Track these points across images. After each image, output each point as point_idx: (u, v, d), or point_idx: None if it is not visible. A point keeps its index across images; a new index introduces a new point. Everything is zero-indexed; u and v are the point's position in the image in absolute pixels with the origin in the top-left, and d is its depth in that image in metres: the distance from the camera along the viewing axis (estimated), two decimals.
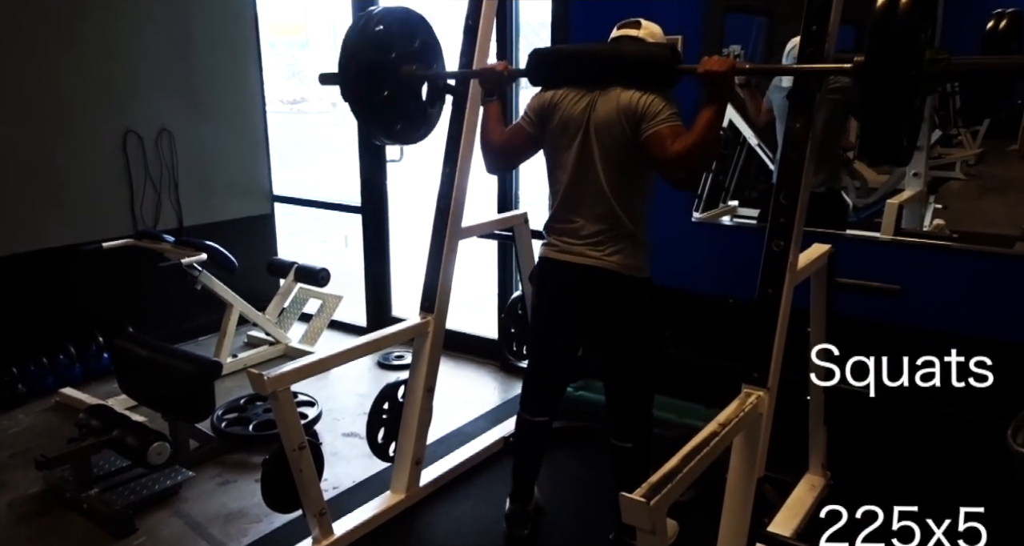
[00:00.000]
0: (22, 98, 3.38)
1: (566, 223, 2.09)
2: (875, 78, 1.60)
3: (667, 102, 1.93)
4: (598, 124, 1.98)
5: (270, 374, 2.02)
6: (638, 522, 1.44)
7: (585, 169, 2.03)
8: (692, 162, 1.87)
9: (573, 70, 2.08)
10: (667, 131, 1.89)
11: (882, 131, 1.65)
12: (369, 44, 2.28)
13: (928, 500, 2.49)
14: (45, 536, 2.42)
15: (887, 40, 1.57)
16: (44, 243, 3.51)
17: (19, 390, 3.36)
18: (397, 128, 2.44)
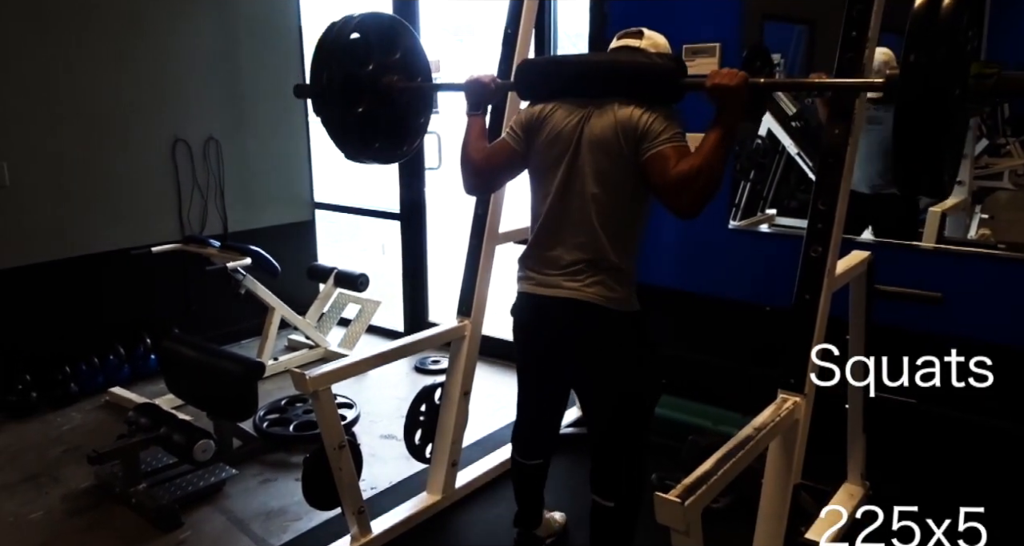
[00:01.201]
0: (81, 109, 3.53)
1: (544, 251, 1.88)
2: (911, 96, 1.38)
3: (671, 120, 1.73)
4: (592, 142, 1.78)
5: (312, 374, 2.08)
6: (672, 523, 1.45)
7: (571, 191, 1.82)
8: (697, 187, 1.65)
9: (566, 82, 1.86)
10: (671, 151, 1.69)
11: (919, 160, 1.44)
12: (343, 54, 2.10)
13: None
14: (96, 529, 2.51)
15: (926, 50, 1.35)
16: (97, 247, 3.65)
17: (71, 389, 3.49)
18: (375, 146, 2.28)
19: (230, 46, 4.04)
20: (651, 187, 1.75)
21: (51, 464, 2.93)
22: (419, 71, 2.31)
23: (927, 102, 1.36)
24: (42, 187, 3.44)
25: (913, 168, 1.44)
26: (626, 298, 1.85)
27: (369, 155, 2.30)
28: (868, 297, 2.33)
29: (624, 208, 1.81)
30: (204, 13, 3.91)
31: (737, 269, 3.00)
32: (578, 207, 1.81)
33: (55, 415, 3.37)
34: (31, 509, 2.62)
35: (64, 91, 3.46)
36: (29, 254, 3.43)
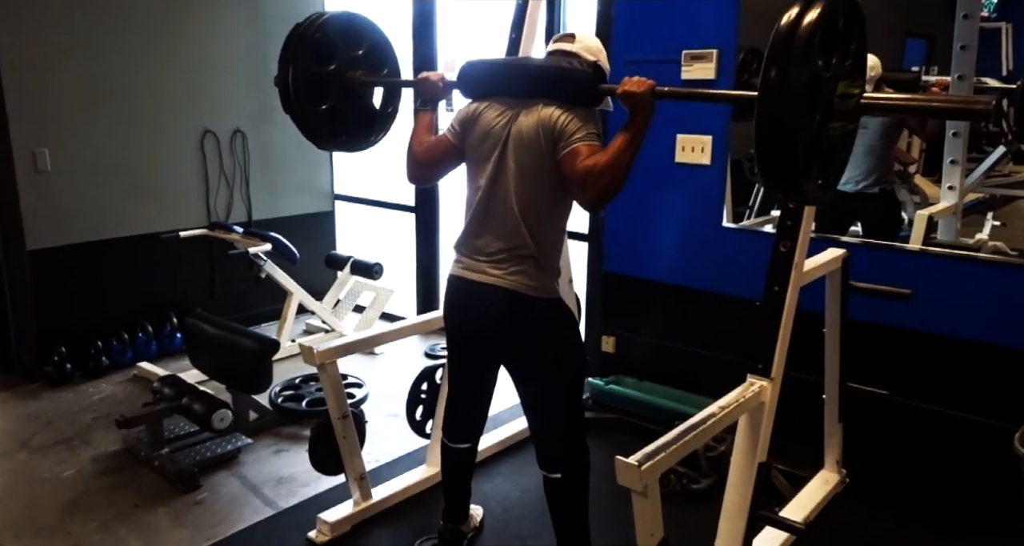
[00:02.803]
0: (118, 101, 3.77)
1: (473, 239, 2.00)
2: (765, 111, 1.41)
3: (587, 121, 1.84)
4: (517, 139, 1.90)
5: (319, 347, 2.27)
6: (631, 484, 1.61)
7: (498, 184, 1.94)
8: (602, 183, 1.75)
9: (500, 83, 1.99)
10: (583, 148, 1.80)
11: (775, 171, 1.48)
12: (307, 54, 2.21)
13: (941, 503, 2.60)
14: (122, 488, 2.73)
15: (781, 67, 1.38)
16: (129, 231, 3.89)
17: (103, 362, 3.73)
18: (343, 139, 2.40)
19: (257, 42, 4.25)
20: (564, 179, 1.86)
21: (83, 429, 3.17)
22: (384, 63, 2.40)
23: (780, 116, 1.41)
24: (80, 173, 3.68)
25: (771, 178, 1.50)
26: (545, 287, 1.96)
27: (337, 145, 2.45)
28: (843, 292, 2.47)
29: (544, 202, 1.92)
30: (235, 12, 4.14)
31: (730, 266, 3.13)
32: (503, 200, 1.94)
33: (87, 385, 3.62)
34: (64, 468, 2.85)
35: (103, 83, 3.70)
36: (68, 235, 3.67)
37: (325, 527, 2.42)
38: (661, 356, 3.41)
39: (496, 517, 2.55)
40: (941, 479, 2.74)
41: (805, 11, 1.39)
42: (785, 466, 2.71)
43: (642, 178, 3.32)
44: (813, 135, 1.46)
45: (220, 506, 2.62)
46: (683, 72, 3.05)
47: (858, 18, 1.53)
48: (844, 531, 2.51)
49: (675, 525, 1.82)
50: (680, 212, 3.25)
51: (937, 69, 2.89)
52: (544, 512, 2.55)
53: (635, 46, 3.21)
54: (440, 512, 2.39)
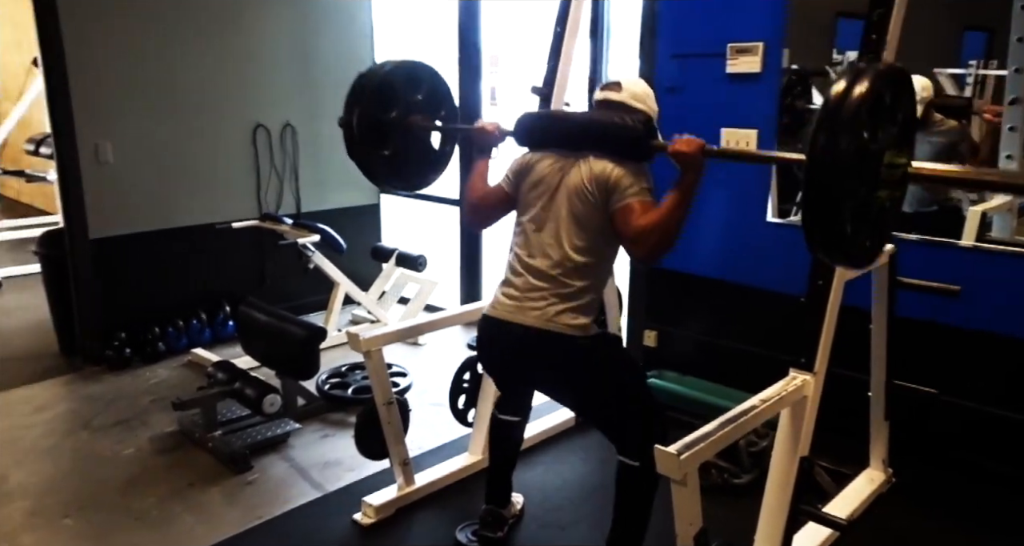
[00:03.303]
0: (177, 97, 3.90)
1: (515, 277, 2.04)
2: (813, 177, 1.44)
3: (639, 175, 1.93)
4: (569, 187, 1.98)
5: (365, 334, 2.33)
6: (670, 473, 1.64)
7: (546, 228, 2.01)
8: (653, 240, 1.84)
9: (553, 135, 2.08)
10: (636, 205, 1.88)
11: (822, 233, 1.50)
12: (370, 102, 2.32)
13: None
14: (178, 467, 2.84)
15: (830, 136, 1.41)
16: (186, 221, 4.03)
17: (159, 348, 3.88)
18: (402, 182, 2.55)
19: (308, 39, 4.35)
20: (618, 236, 1.95)
21: (141, 410, 3.31)
22: (442, 105, 2.53)
23: (827, 186, 1.43)
24: (141, 165, 3.82)
25: (816, 239, 1.53)
26: (584, 326, 1.99)
27: (397, 187, 2.62)
28: (890, 288, 2.43)
29: (591, 247, 1.98)
30: (287, 11, 4.23)
31: (774, 261, 3.11)
32: (551, 243, 2.00)
33: (145, 369, 3.77)
34: (124, 447, 2.99)
35: (162, 79, 3.83)
36: (128, 224, 3.83)
37: (370, 510, 2.49)
38: (703, 351, 3.40)
39: (536, 505, 2.59)
40: (990, 479, 2.68)
41: (854, 84, 1.41)
42: (829, 463, 2.69)
43: None
44: (860, 203, 1.47)
45: (269, 487, 2.71)
46: (728, 65, 3.03)
47: (906, 88, 1.53)
48: (889, 530, 2.48)
49: (715, 518, 1.83)
50: (724, 207, 3.23)
51: (996, 63, 2.81)
52: (584, 502, 2.61)
53: (680, 40, 3.20)
54: (480, 499, 2.44)
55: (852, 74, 1.42)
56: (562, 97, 2.70)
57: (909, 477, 2.72)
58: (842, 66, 3.11)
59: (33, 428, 3.13)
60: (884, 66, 1.47)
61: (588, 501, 2.62)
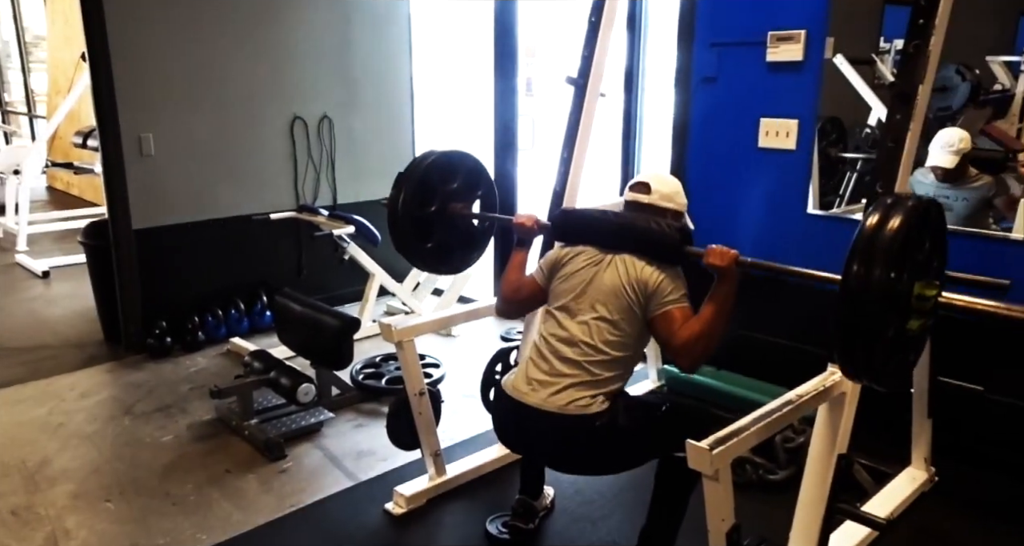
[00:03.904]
0: (216, 89, 3.96)
1: (542, 361, 2.04)
2: (846, 304, 1.49)
3: (676, 280, 1.98)
4: (606, 284, 2.01)
5: (398, 325, 2.34)
6: (702, 468, 1.61)
7: (576, 318, 2.03)
8: (699, 351, 1.88)
9: (591, 234, 2.13)
10: (677, 313, 1.93)
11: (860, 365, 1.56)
12: (411, 201, 2.44)
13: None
14: (215, 453, 2.90)
15: (864, 265, 1.46)
16: (224, 212, 4.09)
17: (199, 337, 3.95)
18: (447, 268, 2.70)
19: (345, 32, 4.38)
20: (657, 340, 2.00)
21: (180, 398, 3.38)
22: (479, 184, 2.62)
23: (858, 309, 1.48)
24: (182, 157, 3.89)
25: (849, 367, 1.58)
26: (601, 402, 1.98)
27: (445, 271, 2.79)
28: None
29: (623, 343, 2.00)
30: (324, 4, 4.26)
31: (814, 253, 3.04)
32: (581, 333, 2.01)
33: (185, 358, 3.84)
34: (163, 433, 3.05)
35: (202, 72, 3.89)
36: (170, 215, 3.90)
37: (401, 500, 2.50)
38: (740, 345, 3.34)
39: (568, 498, 2.58)
40: None
41: (886, 220, 1.46)
42: (869, 461, 2.62)
43: (724, 164, 3.26)
44: (892, 334, 1.51)
45: (303, 475, 2.75)
46: (769, 54, 2.96)
47: (935, 215, 1.58)
48: (929, 531, 2.41)
49: (749, 514, 1.80)
50: (763, 198, 3.17)
51: None
52: (615, 496, 2.59)
53: (719, 28, 3.13)
54: (511, 492, 2.44)
55: (884, 209, 1.49)
56: (598, 88, 2.68)
57: (952, 476, 2.64)
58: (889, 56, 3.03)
59: (77, 414, 3.22)
60: (914, 201, 1.52)
61: (620, 496, 2.60)
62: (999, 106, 2.82)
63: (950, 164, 2.73)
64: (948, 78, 2.85)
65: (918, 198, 1.57)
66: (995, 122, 2.87)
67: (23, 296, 4.96)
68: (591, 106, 2.65)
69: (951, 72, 2.84)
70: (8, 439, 3.00)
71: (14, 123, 9.63)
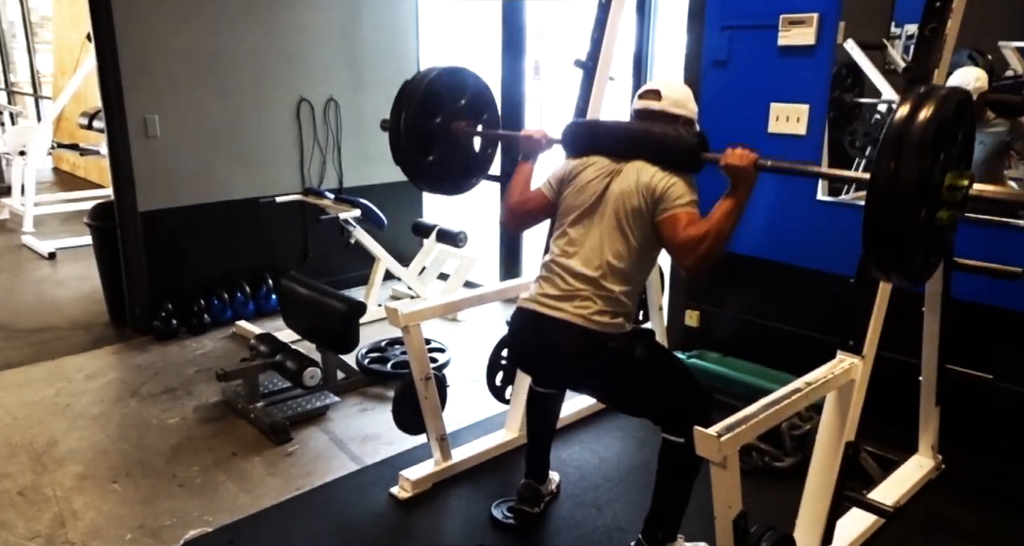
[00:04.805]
0: (222, 71, 3.93)
1: (555, 277, 2.04)
2: (875, 199, 1.48)
3: (688, 187, 1.93)
4: (616, 194, 1.98)
5: (404, 310, 2.33)
6: (709, 455, 1.60)
7: (588, 230, 2.02)
8: (703, 250, 1.83)
9: (602, 143, 2.09)
10: (683, 216, 1.89)
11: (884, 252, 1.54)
12: (415, 109, 2.36)
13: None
14: (221, 436, 2.91)
15: (893, 158, 1.43)
16: (230, 195, 4.08)
17: (205, 320, 3.96)
18: (446, 186, 2.60)
19: (352, 14, 4.33)
20: (662, 243, 1.96)
21: (187, 380, 3.39)
22: (485, 109, 2.54)
23: (889, 207, 1.46)
24: (187, 139, 3.88)
25: (878, 263, 1.56)
26: (618, 324, 1.99)
27: (441, 191, 2.66)
28: (946, 270, 2.33)
29: (633, 254, 1.98)
30: None
31: (823, 240, 3.01)
32: (592, 245, 2.00)
33: (191, 340, 3.85)
34: (170, 415, 3.06)
35: (208, 54, 3.86)
36: (174, 198, 3.89)
37: (407, 484, 2.51)
38: (747, 332, 3.33)
39: (572, 484, 2.58)
40: None
41: (918, 109, 1.43)
42: (876, 449, 2.62)
43: None
44: (921, 223, 1.49)
45: (309, 458, 2.75)
46: (780, 38, 2.92)
47: (967, 108, 1.53)
48: (936, 518, 2.41)
49: (756, 501, 1.80)
50: (772, 184, 3.13)
51: None
52: (621, 481, 2.59)
53: (730, 11, 3.08)
54: (516, 477, 2.44)
55: (917, 98, 1.45)
56: (607, 71, 2.65)
57: (959, 465, 2.63)
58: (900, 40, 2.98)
59: (84, 395, 3.24)
60: (947, 90, 1.48)
61: (625, 481, 2.60)
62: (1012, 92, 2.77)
63: None
64: (960, 64, 2.81)
65: (951, 87, 1.52)
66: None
67: (30, 277, 4.97)
68: (600, 90, 2.62)
69: (963, 57, 2.80)
70: (16, 420, 3.02)
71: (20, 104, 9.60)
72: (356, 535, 2.33)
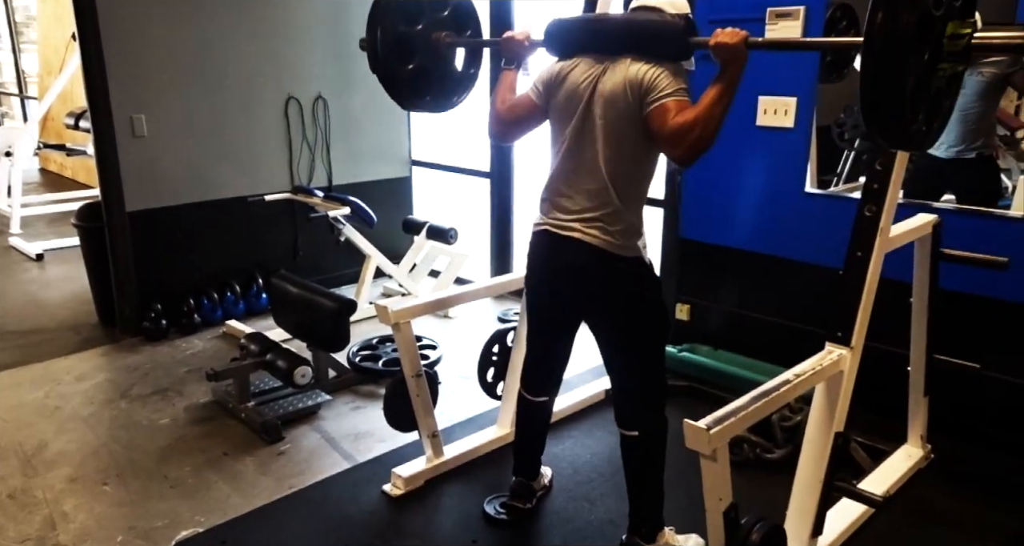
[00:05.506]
0: (209, 69, 3.91)
1: (558, 197, 1.99)
2: (871, 55, 1.37)
3: (676, 76, 1.82)
4: (603, 95, 1.88)
5: (394, 307, 2.33)
6: (699, 448, 1.60)
7: (583, 142, 1.93)
8: (693, 137, 1.74)
9: (586, 40, 1.97)
10: (672, 105, 1.78)
11: (884, 113, 1.43)
12: (395, 14, 2.25)
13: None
14: (212, 436, 2.89)
15: (890, 8, 1.33)
16: (218, 194, 4.06)
17: (195, 320, 3.94)
18: (427, 99, 2.46)
19: (338, 11, 4.31)
20: (652, 136, 1.85)
21: (177, 381, 3.37)
22: (468, 25, 2.44)
23: (887, 56, 1.36)
24: (175, 139, 3.85)
25: (875, 120, 1.45)
26: (632, 245, 1.96)
27: (421, 106, 2.50)
28: (933, 260, 2.35)
29: (630, 158, 1.91)
30: None
31: (812, 233, 3.02)
32: (589, 157, 1.92)
33: (181, 340, 3.83)
34: (160, 416, 3.05)
35: (195, 52, 3.84)
36: (162, 198, 3.86)
37: (399, 481, 2.50)
38: (737, 325, 3.34)
39: (565, 478, 2.59)
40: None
41: None
42: (866, 439, 2.63)
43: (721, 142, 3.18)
44: (921, 76, 1.39)
45: (301, 457, 2.75)
46: (767, 31, 2.91)
47: None
48: (925, 507, 2.43)
49: (747, 493, 1.80)
50: (760, 178, 3.14)
51: None
52: (613, 475, 2.59)
53: (718, 4, 3.09)
54: (509, 472, 2.44)
55: None
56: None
57: (948, 454, 2.65)
58: None
59: (73, 397, 3.22)
60: None
61: (617, 474, 2.59)
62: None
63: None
64: None
65: None
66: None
67: (18, 279, 4.94)
68: None
69: None
70: (5, 423, 3.00)
71: (6, 104, 9.54)
72: (349, 533, 2.33)
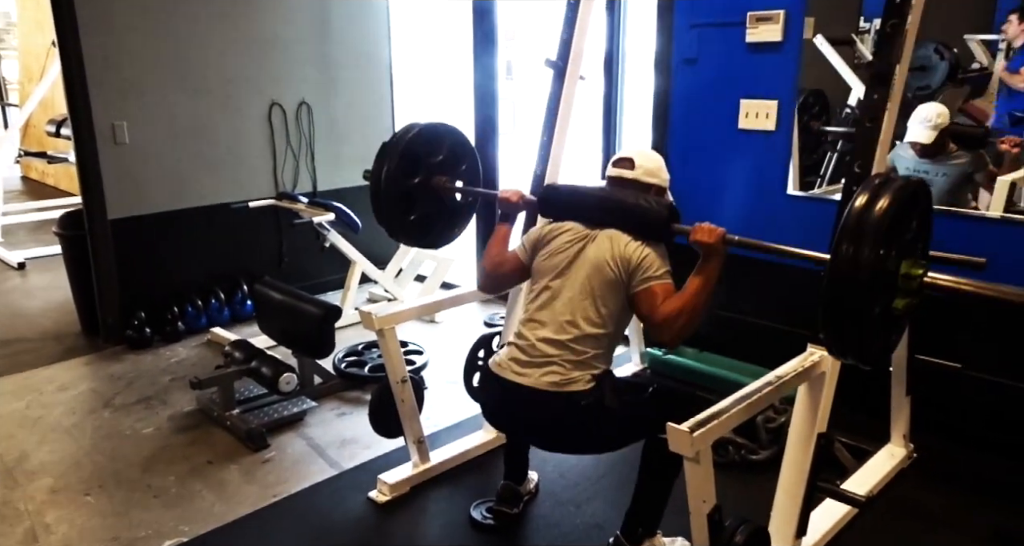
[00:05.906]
0: (190, 76, 3.89)
1: (524, 343, 2.03)
2: (833, 282, 1.51)
3: (662, 258, 1.97)
4: (590, 260, 2.00)
5: (378, 313, 2.32)
6: (682, 450, 1.61)
7: (560, 297, 2.02)
8: (679, 325, 1.86)
9: (577, 208, 2.13)
10: (659, 289, 1.91)
11: (845, 343, 1.59)
12: (396, 172, 2.39)
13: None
14: (196, 444, 2.87)
15: (851, 244, 1.47)
16: (202, 201, 4.03)
17: (179, 328, 3.91)
18: (428, 240, 2.64)
19: (324, 16, 4.31)
20: (639, 316, 1.99)
21: (161, 389, 3.34)
22: (464, 159, 2.58)
23: (847, 288, 1.50)
24: (157, 145, 3.83)
25: (834, 344, 1.62)
26: (583, 381, 1.97)
27: (424, 244, 2.70)
28: None
29: (606, 320, 1.99)
30: None
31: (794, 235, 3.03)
32: (564, 311, 2.00)
33: (165, 349, 3.80)
34: (144, 425, 3.02)
35: (177, 58, 3.82)
36: (145, 205, 3.84)
37: (385, 487, 2.50)
38: (721, 326, 3.35)
39: (552, 482, 2.59)
40: (1015, 456, 2.63)
41: (875, 199, 1.48)
42: (849, 439, 2.65)
43: (704, 146, 3.25)
44: (878, 311, 1.53)
45: (287, 465, 2.73)
46: (748, 34, 2.95)
47: (922, 196, 1.60)
48: (909, 506, 2.45)
49: (732, 495, 1.81)
50: (743, 180, 3.17)
51: None
52: (599, 479, 2.60)
53: (699, 9, 3.11)
54: (495, 477, 2.44)
55: (874, 188, 1.50)
56: (577, 71, 2.65)
57: (931, 453, 2.68)
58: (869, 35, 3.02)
59: (55, 407, 3.18)
60: (903, 181, 1.54)
61: (604, 478, 2.61)
62: (977, 85, 2.82)
63: (928, 140, 2.73)
64: (927, 57, 2.86)
65: (906, 178, 1.58)
66: (973, 101, 2.89)
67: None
68: (571, 89, 2.62)
69: (930, 51, 2.84)
70: None
71: None
72: (335, 540, 2.32)
